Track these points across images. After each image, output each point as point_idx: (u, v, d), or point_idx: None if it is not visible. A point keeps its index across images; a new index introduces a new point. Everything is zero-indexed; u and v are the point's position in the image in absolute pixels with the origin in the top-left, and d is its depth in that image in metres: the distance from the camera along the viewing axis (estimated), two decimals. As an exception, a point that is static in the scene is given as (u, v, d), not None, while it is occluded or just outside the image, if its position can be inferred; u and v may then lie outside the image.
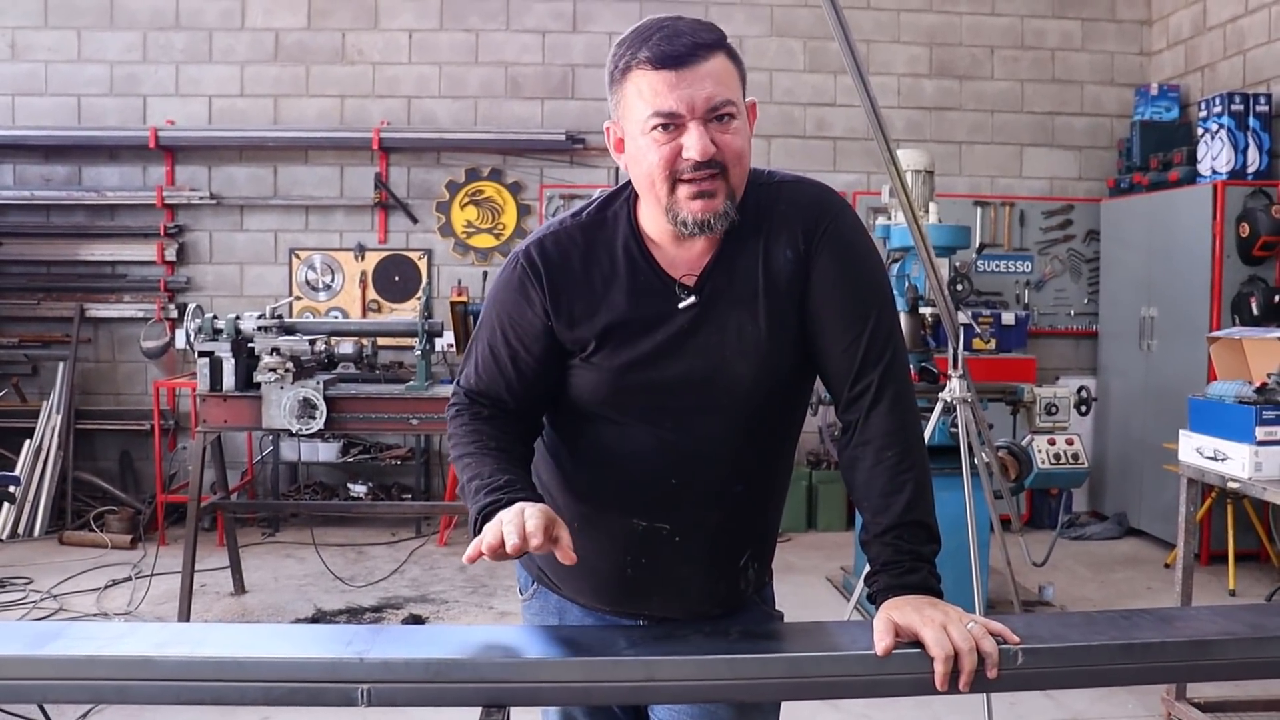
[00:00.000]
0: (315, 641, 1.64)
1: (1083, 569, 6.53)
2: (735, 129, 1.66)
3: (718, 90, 1.63)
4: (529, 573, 2.03)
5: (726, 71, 1.66)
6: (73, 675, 1.50)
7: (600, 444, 1.82)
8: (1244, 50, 7.00)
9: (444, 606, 5.68)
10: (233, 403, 5.15)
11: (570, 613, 1.95)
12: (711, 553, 1.85)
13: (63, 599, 5.66)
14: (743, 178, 1.71)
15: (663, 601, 1.87)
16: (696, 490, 1.81)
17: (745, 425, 1.80)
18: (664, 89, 1.62)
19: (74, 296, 7.60)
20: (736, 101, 1.66)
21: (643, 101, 1.64)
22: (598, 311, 1.76)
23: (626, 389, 1.77)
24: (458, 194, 7.80)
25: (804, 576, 6.28)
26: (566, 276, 1.77)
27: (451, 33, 7.76)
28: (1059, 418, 5.14)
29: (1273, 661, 1.63)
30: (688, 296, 1.76)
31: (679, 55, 1.61)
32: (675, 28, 1.64)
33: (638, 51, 1.64)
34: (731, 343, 1.76)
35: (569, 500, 1.87)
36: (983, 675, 1.51)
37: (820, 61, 7.85)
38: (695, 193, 1.65)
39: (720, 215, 1.68)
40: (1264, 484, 3.67)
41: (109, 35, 7.63)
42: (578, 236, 1.80)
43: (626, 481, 1.81)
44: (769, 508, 1.93)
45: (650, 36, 1.63)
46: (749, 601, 1.95)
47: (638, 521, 1.81)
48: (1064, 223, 8.00)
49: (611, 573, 1.85)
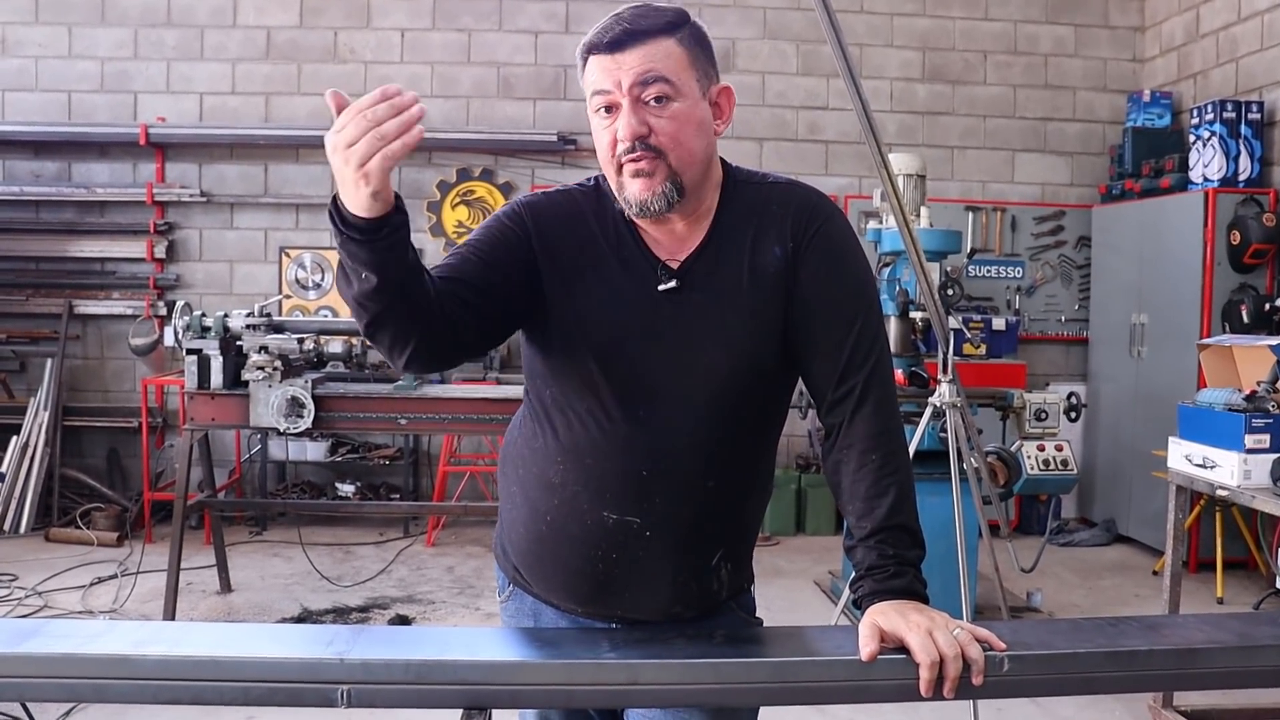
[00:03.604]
0: (296, 641, 1.62)
1: (1071, 575, 6.53)
2: (673, 112, 1.68)
3: (649, 66, 1.66)
4: (505, 573, 2.02)
5: (667, 54, 1.68)
6: (49, 674, 1.48)
7: (571, 430, 1.81)
8: (1236, 58, 7.02)
9: (430, 607, 5.66)
10: (221, 401, 5.13)
11: (545, 615, 1.93)
12: (683, 549, 1.84)
13: (48, 596, 5.63)
14: (691, 162, 1.71)
15: (634, 600, 1.85)
16: (667, 483, 1.79)
17: (719, 418, 1.79)
18: (600, 70, 1.69)
19: (62, 293, 7.57)
20: (674, 81, 1.68)
21: (588, 82, 1.71)
22: (582, 277, 1.78)
23: (604, 366, 1.75)
24: (449, 194, 7.79)
25: (792, 580, 6.28)
26: (557, 231, 1.80)
27: (444, 32, 7.75)
28: (1048, 424, 5.14)
29: (1260, 670, 1.63)
30: (669, 280, 1.77)
31: (616, 40, 1.67)
32: (621, 15, 1.69)
33: (588, 40, 1.71)
34: (710, 330, 1.76)
35: (542, 494, 1.86)
36: (968, 682, 1.50)
37: (813, 65, 7.85)
38: (633, 172, 1.69)
39: (659, 196, 1.69)
40: (1252, 492, 3.67)
41: (100, 31, 7.61)
42: (572, 203, 1.84)
43: (597, 471, 1.80)
44: (745, 508, 1.92)
45: (601, 26, 1.70)
46: (724, 607, 1.93)
47: (608, 514, 1.80)
48: (1055, 229, 8.01)
49: (583, 567, 1.84)
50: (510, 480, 1.95)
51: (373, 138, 1.38)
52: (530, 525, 1.89)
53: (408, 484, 7.59)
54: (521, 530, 1.92)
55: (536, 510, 1.87)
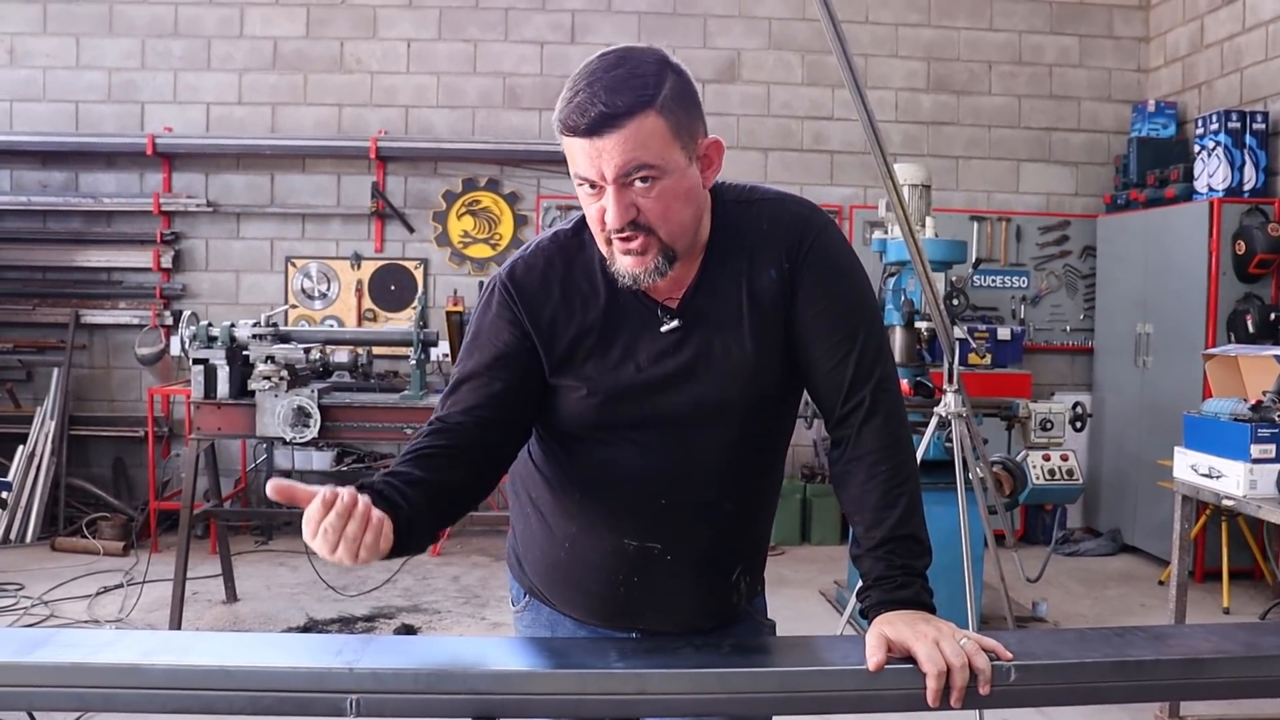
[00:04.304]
0: (304, 651, 1.62)
1: (1076, 585, 6.52)
2: (659, 191, 1.62)
3: (631, 157, 1.59)
4: (521, 585, 2.02)
5: (648, 133, 1.59)
6: (59, 683, 1.48)
7: (588, 465, 1.81)
8: (1241, 68, 7.02)
9: (436, 616, 5.66)
10: (227, 410, 5.13)
11: (563, 626, 1.94)
12: (703, 569, 1.85)
13: (54, 605, 5.63)
14: (682, 232, 1.68)
15: (656, 617, 1.86)
16: (686, 509, 1.80)
17: (733, 443, 1.80)
18: (579, 155, 1.62)
19: (69, 302, 7.59)
20: (658, 163, 1.60)
21: (569, 158, 1.65)
22: (579, 334, 1.75)
23: (611, 413, 1.75)
24: (454, 204, 7.80)
25: (797, 590, 6.27)
26: (546, 299, 1.76)
27: (450, 43, 7.77)
28: (1054, 433, 5.13)
29: (1267, 681, 1.62)
30: (671, 320, 1.75)
31: (590, 126, 1.58)
32: (591, 92, 1.58)
33: (560, 111, 1.62)
34: (717, 366, 1.75)
35: (559, 520, 1.86)
36: (975, 692, 1.50)
37: (818, 75, 7.86)
38: (624, 250, 1.66)
39: (651, 271, 1.66)
40: (1258, 501, 3.67)
41: (107, 42, 7.63)
42: (556, 259, 1.79)
43: (616, 502, 1.80)
44: (759, 521, 1.93)
45: (573, 97, 1.60)
46: (741, 613, 1.95)
47: (628, 541, 1.80)
48: (1060, 238, 8.01)
49: (604, 591, 1.85)
50: (524, 501, 1.94)
51: (346, 545, 1.48)
52: (548, 549, 1.89)
53: (413, 493, 7.56)
54: (539, 553, 1.92)
55: (554, 536, 1.87)
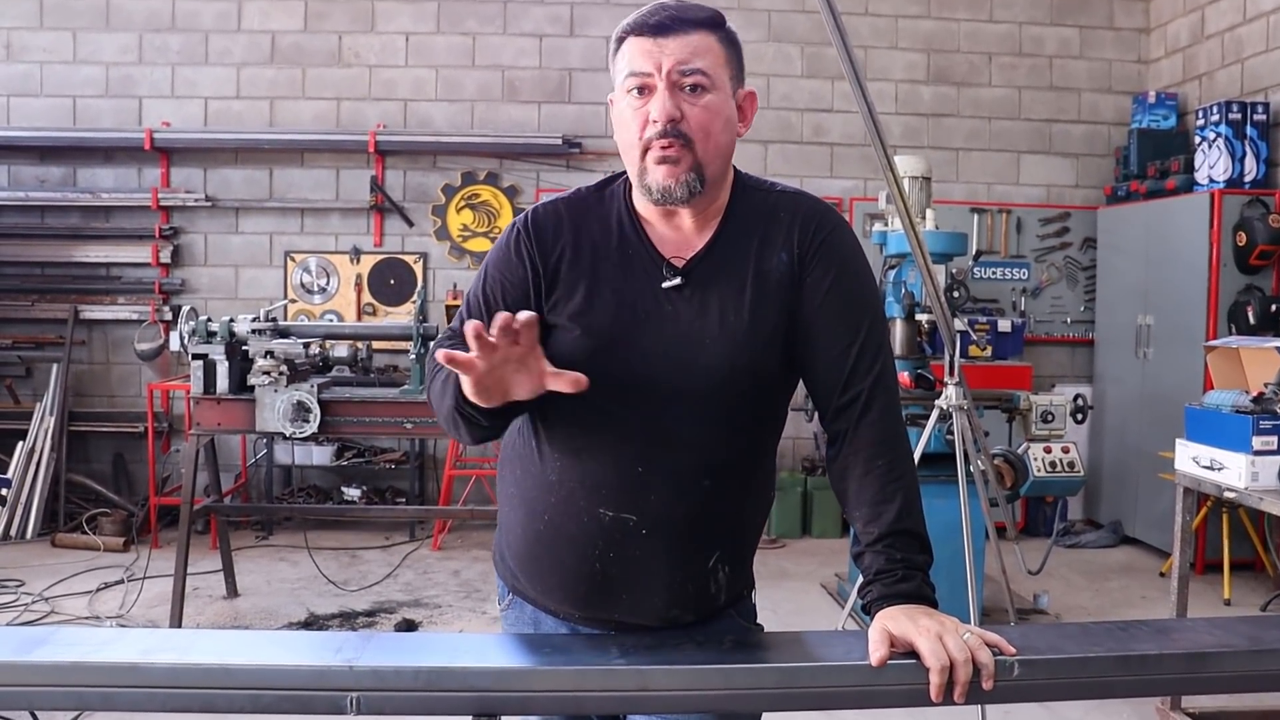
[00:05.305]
0: (304, 648, 1.62)
1: (1078, 577, 6.52)
2: (706, 103, 1.73)
3: (689, 56, 1.72)
4: (505, 582, 2.03)
5: (707, 47, 1.74)
6: (58, 682, 1.48)
7: (570, 426, 1.82)
8: (1242, 59, 7.01)
9: (437, 611, 5.66)
10: (226, 405, 5.13)
11: (544, 623, 1.94)
12: (679, 549, 1.83)
13: (54, 602, 5.63)
14: (716, 155, 1.76)
15: (631, 603, 1.85)
16: (663, 480, 1.79)
17: (715, 417, 1.80)
18: (639, 52, 1.74)
19: (68, 298, 7.58)
20: (711, 74, 1.73)
21: (624, 63, 1.76)
22: (584, 276, 1.80)
23: (601, 363, 1.75)
24: (454, 197, 7.79)
25: (799, 583, 6.27)
26: (558, 240, 1.83)
27: (448, 36, 7.75)
28: (1055, 425, 5.13)
29: (1269, 674, 1.62)
30: (674, 277, 1.79)
31: (660, 24, 1.73)
32: (667, 4, 1.76)
33: (625, 22, 1.77)
34: (712, 328, 1.77)
35: (540, 492, 1.86)
36: (978, 686, 1.50)
37: (818, 67, 7.84)
38: (660, 158, 1.73)
39: (682, 184, 1.73)
40: (1260, 493, 3.67)
41: (105, 36, 7.62)
42: (576, 206, 1.88)
43: (594, 465, 1.81)
44: (743, 510, 1.91)
45: (645, 9, 1.76)
46: (723, 613, 1.93)
47: (604, 511, 1.80)
48: (1061, 230, 8.00)
49: (580, 566, 1.84)
50: (509, 482, 1.96)
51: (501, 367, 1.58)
52: (528, 525, 1.89)
53: (413, 488, 7.59)
54: (519, 531, 1.92)
55: (534, 510, 1.88)
